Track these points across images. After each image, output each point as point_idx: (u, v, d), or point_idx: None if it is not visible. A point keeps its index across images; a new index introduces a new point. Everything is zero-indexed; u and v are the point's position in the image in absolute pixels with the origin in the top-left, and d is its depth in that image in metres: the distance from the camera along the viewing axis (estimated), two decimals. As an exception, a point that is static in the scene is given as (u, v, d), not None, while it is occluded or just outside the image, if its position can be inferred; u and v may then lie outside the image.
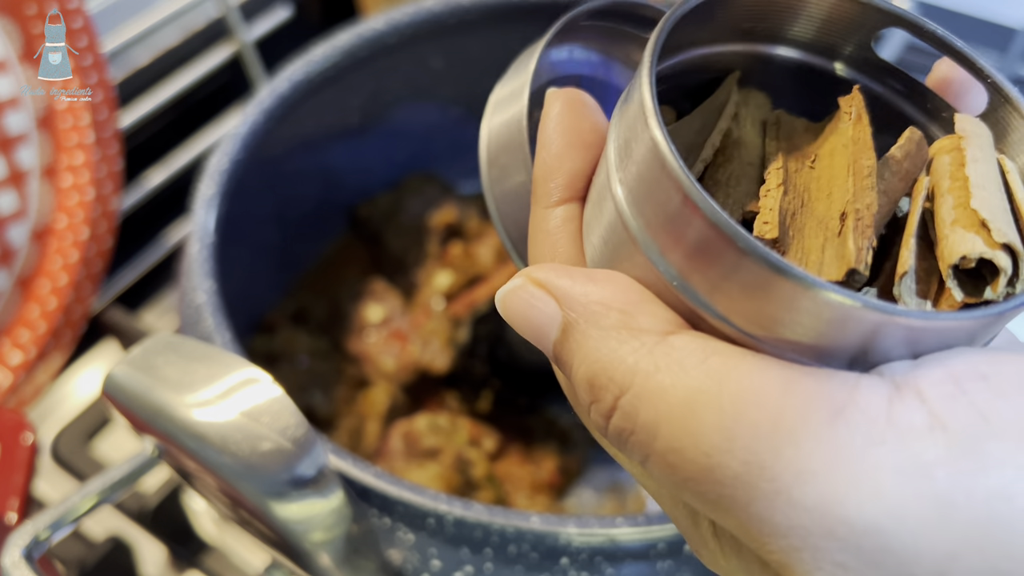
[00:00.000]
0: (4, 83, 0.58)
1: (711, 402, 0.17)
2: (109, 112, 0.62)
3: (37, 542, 0.34)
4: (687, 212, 0.17)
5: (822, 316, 0.17)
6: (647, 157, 0.18)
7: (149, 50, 0.71)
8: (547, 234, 0.22)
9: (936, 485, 0.16)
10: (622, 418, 0.18)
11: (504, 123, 0.27)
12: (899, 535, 0.16)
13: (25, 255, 0.61)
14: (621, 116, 0.20)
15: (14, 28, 0.58)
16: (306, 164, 0.59)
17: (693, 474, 0.17)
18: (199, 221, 0.46)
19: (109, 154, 0.63)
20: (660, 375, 0.18)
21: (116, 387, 0.31)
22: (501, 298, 0.20)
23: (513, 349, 0.55)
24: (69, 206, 0.62)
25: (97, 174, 0.62)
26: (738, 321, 0.18)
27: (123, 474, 0.35)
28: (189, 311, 0.44)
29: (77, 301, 0.63)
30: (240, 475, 0.29)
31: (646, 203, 0.18)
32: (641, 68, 0.19)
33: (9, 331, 0.61)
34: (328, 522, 0.31)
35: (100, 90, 0.62)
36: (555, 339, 0.19)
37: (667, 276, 0.18)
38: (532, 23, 0.60)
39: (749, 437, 0.17)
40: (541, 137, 0.22)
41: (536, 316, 0.19)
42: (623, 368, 0.18)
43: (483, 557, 0.35)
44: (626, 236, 0.19)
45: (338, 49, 0.55)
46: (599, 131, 0.22)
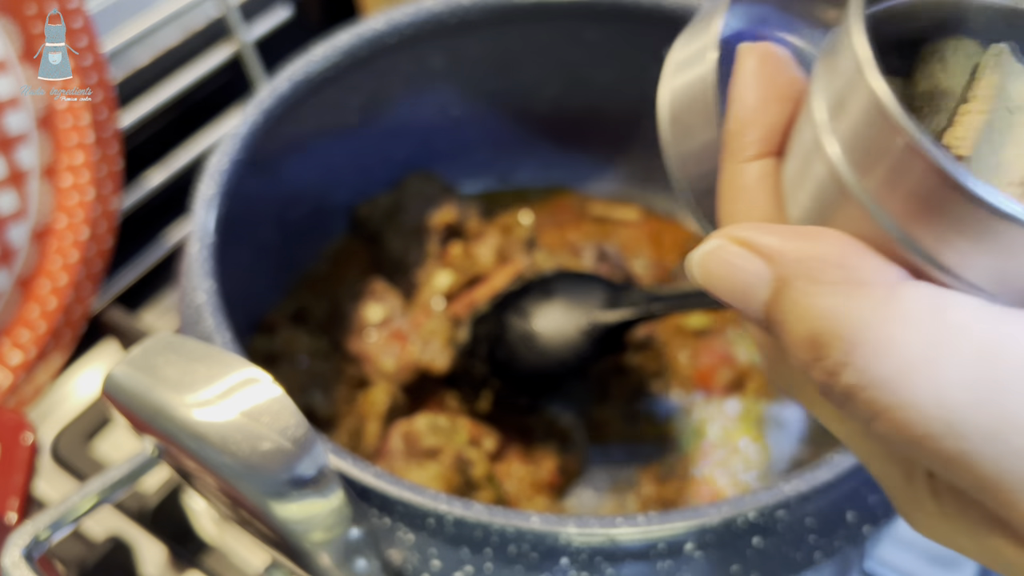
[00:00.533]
0: (4, 83, 0.58)
1: (953, 355, 0.17)
2: (109, 112, 0.62)
3: (37, 542, 0.34)
4: (913, 164, 0.17)
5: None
6: (867, 110, 0.17)
7: (149, 50, 0.71)
8: (743, 190, 0.21)
9: None
10: (853, 374, 0.17)
11: (688, 83, 0.26)
12: None
13: (25, 255, 0.61)
14: (829, 68, 0.19)
15: (14, 28, 0.58)
16: (306, 164, 0.59)
17: (933, 430, 0.17)
18: (199, 221, 0.46)
19: (109, 154, 0.63)
20: (894, 328, 0.17)
21: (116, 387, 0.31)
22: (698, 261, 0.20)
23: (513, 349, 0.55)
24: (69, 206, 0.62)
25: (97, 174, 0.62)
26: (969, 275, 0.17)
27: (123, 474, 0.35)
28: (189, 311, 0.44)
29: (77, 301, 0.63)
30: (240, 475, 0.29)
31: (865, 158, 0.18)
32: (850, 16, 0.18)
33: (9, 331, 0.61)
34: (328, 522, 0.31)
35: (100, 90, 0.62)
36: (766, 299, 0.19)
37: (889, 230, 0.18)
38: (532, 23, 0.61)
39: (998, 391, 0.16)
40: (735, 92, 0.22)
41: (742, 277, 0.19)
42: (852, 323, 0.17)
43: (483, 557, 0.36)
44: (839, 192, 0.18)
45: (338, 49, 0.55)
46: (796, 85, 0.21)
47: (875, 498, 0.39)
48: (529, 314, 0.56)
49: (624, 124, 0.67)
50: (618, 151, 0.69)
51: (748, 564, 0.37)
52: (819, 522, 0.38)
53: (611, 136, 0.68)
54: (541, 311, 0.56)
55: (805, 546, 0.37)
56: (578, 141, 0.69)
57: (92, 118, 0.62)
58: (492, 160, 0.69)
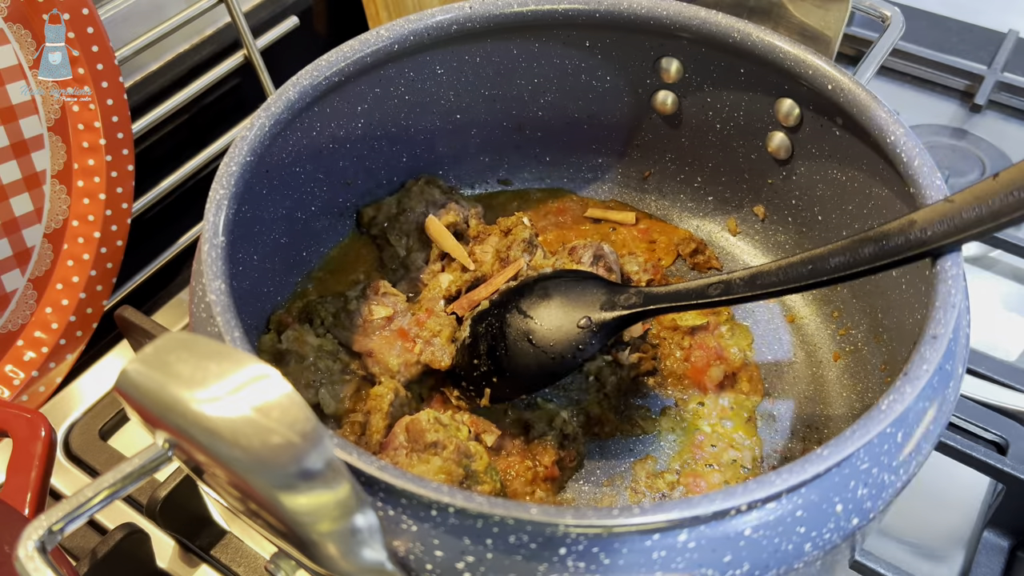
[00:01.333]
0: (18, 89, 0.59)
1: None
2: (121, 116, 0.63)
3: (50, 534, 0.34)
4: None
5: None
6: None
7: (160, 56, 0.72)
8: None
9: None
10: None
11: None
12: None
13: (39, 256, 0.62)
14: None
15: (28, 35, 0.59)
16: (313, 168, 0.60)
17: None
18: (210, 223, 0.46)
19: (121, 157, 0.63)
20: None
21: (129, 384, 0.31)
22: None
23: (512, 347, 0.56)
24: (82, 208, 0.63)
25: (109, 177, 0.63)
26: None
27: (135, 468, 0.36)
28: (200, 310, 0.45)
29: (90, 300, 0.64)
30: (250, 468, 0.29)
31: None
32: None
33: (24, 330, 0.62)
34: (335, 513, 0.32)
35: (112, 95, 0.62)
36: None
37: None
38: (533, 33, 0.62)
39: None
40: None
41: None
42: None
43: (484, 547, 0.36)
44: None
45: (344, 57, 0.55)
46: None
47: (865, 491, 0.39)
48: (528, 312, 0.57)
49: (621, 129, 0.68)
50: (615, 155, 0.70)
51: (740, 555, 0.37)
52: (809, 514, 0.38)
53: (608, 141, 0.69)
54: (540, 309, 0.57)
55: (796, 537, 0.38)
56: (576, 146, 0.70)
57: (104, 122, 0.62)
58: (493, 164, 0.70)
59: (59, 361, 0.63)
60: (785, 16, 0.57)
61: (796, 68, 0.55)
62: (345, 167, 0.62)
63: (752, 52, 0.56)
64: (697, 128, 0.65)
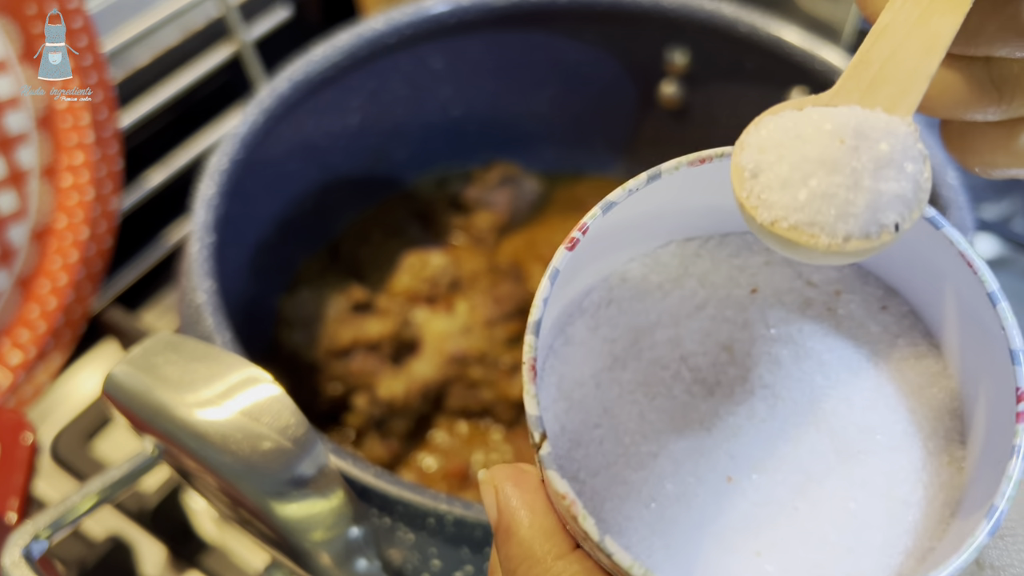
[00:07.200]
0: (4, 83, 0.58)
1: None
2: (109, 112, 0.62)
3: (37, 542, 0.34)
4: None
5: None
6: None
7: (149, 50, 0.71)
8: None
9: None
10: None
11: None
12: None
13: (25, 255, 0.61)
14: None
15: (14, 28, 0.58)
16: (305, 164, 0.59)
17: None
18: (199, 221, 0.46)
19: (109, 154, 0.63)
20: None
21: (116, 387, 0.31)
22: (481, 475, 0.25)
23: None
24: (69, 206, 0.62)
25: (97, 174, 0.62)
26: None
27: (123, 474, 0.35)
28: (189, 311, 0.44)
29: (77, 301, 0.63)
30: (240, 474, 0.29)
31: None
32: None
33: (9, 331, 0.61)
34: (328, 522, 0.31)
35: (100, 90, 0.62)
36: (494, 519, 0.24)
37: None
38: (530, 24, 0.61)
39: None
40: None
41: (486, 500, 0.25)
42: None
43: (483, 556, 0.36)
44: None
45: (338, 49, 0.55)
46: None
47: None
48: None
49: (624, 122, 0.67)
50: (617, 148, 0.69)
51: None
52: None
53: (610, 134, 0.68)
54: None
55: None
56: (577, 139, 0.69)
57: (92, 118, 0.61)
58: (491, 159, 0.70)
59: (46, 363, 0.62)
60: (793, 7, 0.57)
61: (804, 60, 0.54)
62: (339, 163, 0.62)
63: (760, 44, 0.56)
64: (703, 122, 0.64)
